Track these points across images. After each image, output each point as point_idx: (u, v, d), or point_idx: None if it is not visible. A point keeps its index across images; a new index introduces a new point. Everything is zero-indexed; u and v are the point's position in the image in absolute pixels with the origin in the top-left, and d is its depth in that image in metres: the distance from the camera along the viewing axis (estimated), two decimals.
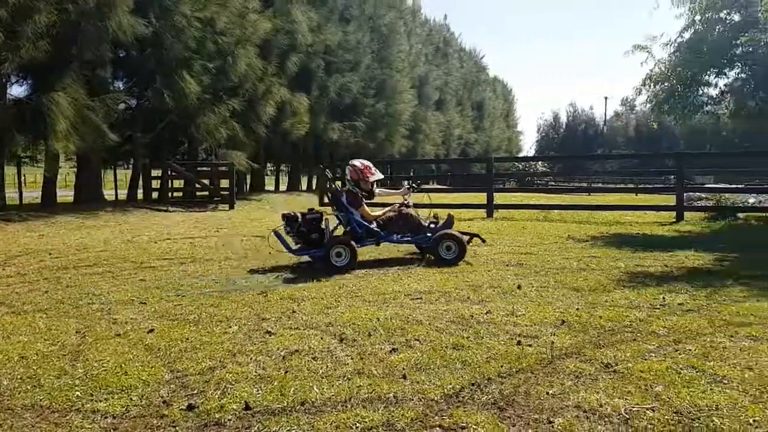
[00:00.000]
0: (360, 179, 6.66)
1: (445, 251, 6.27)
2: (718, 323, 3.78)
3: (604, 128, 63.21)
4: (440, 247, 6.29)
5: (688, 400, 2.55)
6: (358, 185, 6.66)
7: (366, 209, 6.70)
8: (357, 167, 6.69)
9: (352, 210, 6.54)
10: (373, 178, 6.68)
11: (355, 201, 6.63)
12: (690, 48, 11.06)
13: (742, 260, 6.36)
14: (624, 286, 4.97)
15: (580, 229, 9.69)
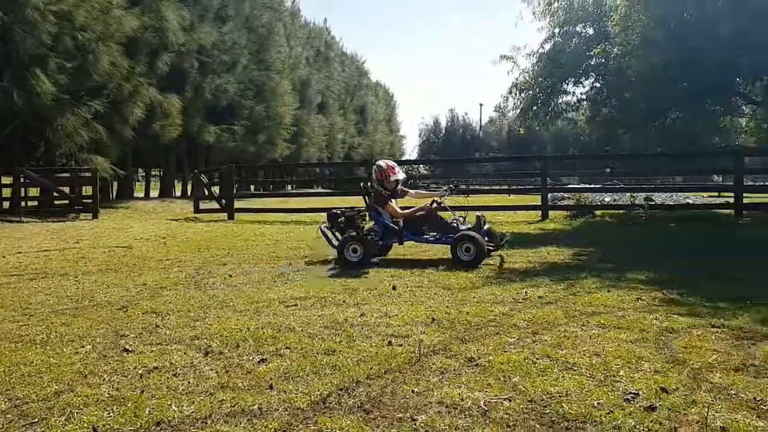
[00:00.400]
0: (384, 179, 6.86)
1: (463, 253, 6.11)
2: (572, 314, 4.07)
3: (480, 133, 66.73)
4: (458, 248, 6.14)
5: (541, 388, 2.70)
6: (383, 185, 6.87)
7: (393, 207, 6.80)
8: (381, 167, 6.93)
9: (378, 209, 6.76)
10: (395, 177, 6.86)
11: (380, 200, 6.82)
12: (550, 59, 11.95)
13: (596, 254, 6.94)
14: (491, 283, 5.21)
15: None
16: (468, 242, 6.09)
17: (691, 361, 3.04)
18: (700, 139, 13.29)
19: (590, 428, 2.30)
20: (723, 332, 3.58)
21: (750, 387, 2.67)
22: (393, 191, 6.92)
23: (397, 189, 6.97)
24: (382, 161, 7.11)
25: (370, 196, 6.99)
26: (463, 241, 6.12)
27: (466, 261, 6.04)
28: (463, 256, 6.09)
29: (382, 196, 6.83)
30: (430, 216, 6.73)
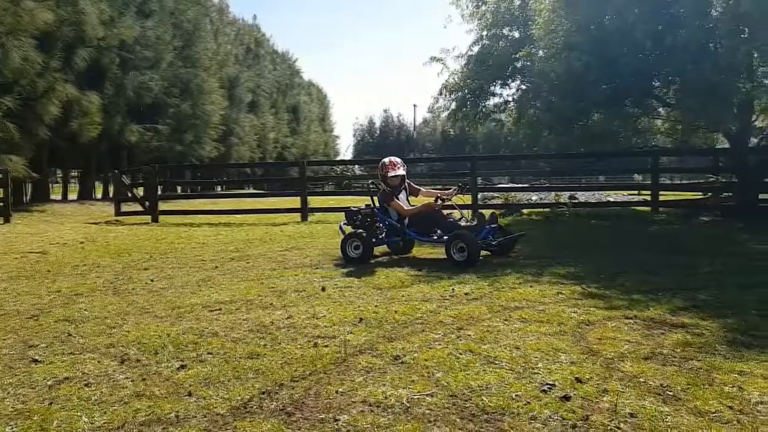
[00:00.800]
0: (385, 175, 6.82)
1: (458, 253, 5.93)
2: (496, 309, 4.17)
3: (414, 133, 67.50)
4: (453, 248, 5.96)
5: (463, 383, 2.75)
6: (385, 181, 6.83)
7: (398, 204, 6.73)
8: (384, 164, 6.91)
9: (384, 206, 6.75)
10: (394, 173, 6.78)
11: (385, 198, 6.78)
12: (478, 61, 12.22)
13: (521, 251, 7.13)
14: (421, 281, 5.26)
15: None
16: (462, 242, 5.90)
17: (604, 351, 3.17)
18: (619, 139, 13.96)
19: (508, 420, 2.36)
20: (635, 323, 3.76)
21: (658, 374, 2.81)
22: (396, 187, 6.85)
23: (402, 186, 6.91)
24: (387, 158, 7.05)
25: (377, 195, 6.98)
26: (457, 241, 5.94)
27: (460, 261, 5.86)
28: (457, 256, 5.92)
29: (386, 193, 6.81)
30: (433, 214, 6.60)
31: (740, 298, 4.37)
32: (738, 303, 4.21)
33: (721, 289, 4.67)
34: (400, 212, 6.71)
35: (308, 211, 12.30)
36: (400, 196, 6.93)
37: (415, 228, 6.67)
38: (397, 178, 6.87)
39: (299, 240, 8.56)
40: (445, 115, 13.07)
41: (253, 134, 34.19)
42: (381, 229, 6.87)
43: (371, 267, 6.06)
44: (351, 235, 6.49)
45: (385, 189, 6.83)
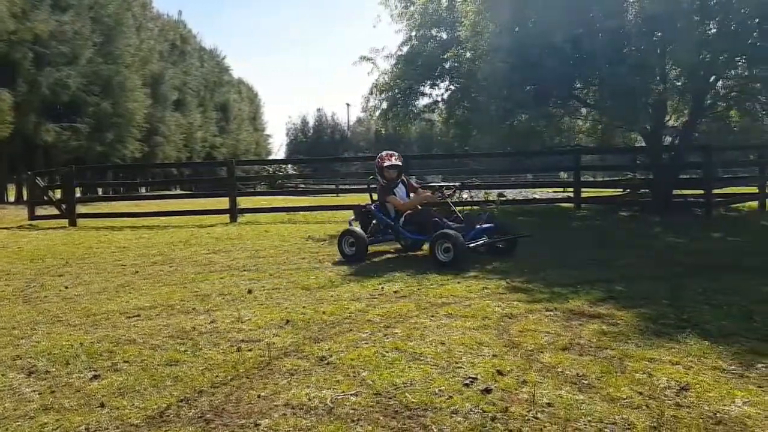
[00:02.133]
0: (381, 167, 6.60)
1: (442, 253, 5.63)
2: (423, 306, 4.20)
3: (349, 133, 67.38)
4: (437, 248, 5.66)
5: (388, 381, 2.75)
6: (382, 174, 6.62)
7: (394, 199, 6.52)
8: (380, 156, 6.71)
9: (383, 202, 6.54)
10: (389, 162, 6.58)
11: (382, 192, 6.60)
12: (408, 61, 12.33)
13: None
14: (350, 280, 5.24)
15: (321, 229, 10.03)
16: (446, 241, 5.59)
17: (525, 343, 3.26)
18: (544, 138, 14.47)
19: (430, 415, 2.37)
20: (556, 315, 3.89)
21: (575, 364, 2.91)
22: (393, 181, 6.65)
23: (399, 179, 6.68)
24: (384, 151, 6.88)
25: (375, 191, 6.82)
26: (443, 241, 5.62)
27: (445, 262, 5.56)
28: (442, 256, 5.62)
29: (383, 188, 6.62)
30: (423, 212, 6.41)
31: (653, 288, 4.61)
32: (651, 293, 4.43)
33: (636, 281, 4.92)
34: (397, 207, 6.48)
35: (238, 212, 12.01)
36: (398, 191, 6.70)
37: (410, 227, 6.40)
38: (394, 170, 6.65)
39: (227, 242, 8.35)
40: (377, 114, 13.08)
41: (179, 133, 33.07)
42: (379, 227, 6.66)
43: (303, 267, 5.99)
44: (346, 233, 6.42)
45: (382, 182, 6.63)
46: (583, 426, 2.23)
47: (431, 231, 5.92)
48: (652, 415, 2.30)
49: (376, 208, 6.68)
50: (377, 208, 6.66)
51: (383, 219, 6.56)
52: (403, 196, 6.69)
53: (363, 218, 6.80)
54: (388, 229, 6.55)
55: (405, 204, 6.53)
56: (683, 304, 4.08)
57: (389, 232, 6.64)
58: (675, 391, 2.55)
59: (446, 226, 5.98)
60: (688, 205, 11.67)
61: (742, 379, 2.69)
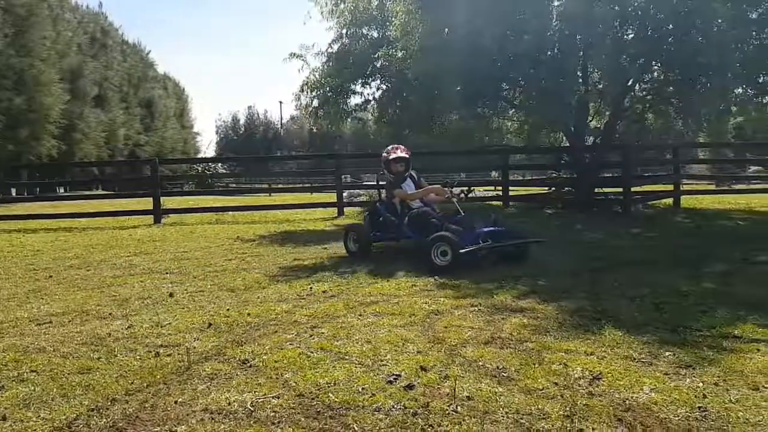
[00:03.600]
0: (387, 160, 6.39)
1: (439, 257, 5.32)
2: (352, 305, 4.19)
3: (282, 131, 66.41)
4: (434, 251, 5.34)
5: (312, 381, 2.71)
6: (388, 167, 6.41)
7: (401, 192, 6.27)
8: (387, 149, 6.51)
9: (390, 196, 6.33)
10: (395, 155, 6.35)
11: (389, 188, 6.39)
12: (338, 59, 12.27)
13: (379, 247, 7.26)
14: (278, 281, 5.16)
15: (251, 229, 9.83)
16: (444, 244, 5.30)
17: (449, 339, 3.31)
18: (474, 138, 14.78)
19: (353, 413, 2.36)
20: (480, 310, 3.97)
21: (495, 358, 2.98)
22: (400, 174, 6.42)
23: (407, 173, 6.44)
24: (390, 145, 6.68)
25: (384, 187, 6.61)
26: (441, 244, 5.32)
27: (442, 266, 5.25)
28: (439, 260, 5.31)
29: (390, 183, 6.42)
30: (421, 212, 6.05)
31: (573, 283, 4.79)
32: (570, 288, 4.61)
33: (558, 276, 5.09)
34: (403, 198, 6.20)
35: (162, 213, 11.58)
36: (405, 186, 6.42)
37: (413, 228, 6.05)
38: (401, 163, 6.40)
39: (149, 244, 8.03)
40: (307, 112, 12.94)
41: (100, 130, 31.50)
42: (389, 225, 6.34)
43: (229, 269, 5.84)
44: (351, 229, 6.43)
45: (390, 177, 6.42)
46: (501, 418, 2.29)
47: (429, 232, 5.60)
48: (566, 404, 2.38)
49: (381, 205, 6.49)
50: (383, 205, 6.46)
51: (388, 216, 6.31)
52: (411, 190, 6.41)
53: (372, 215, 6.64)
54: (392, 227, 6.27)
55: (412, 195, 6.26)
56: (600, 298, 4.26)
57: (389, 231, 6.36)
58: (588, 380, 2.66)
59: (445, 227, 5.64)
60: (609, 203, 12.23)
61: (651, 367, 2.83)
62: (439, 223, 5.81)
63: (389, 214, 6.33)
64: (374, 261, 6.04)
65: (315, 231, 9.44)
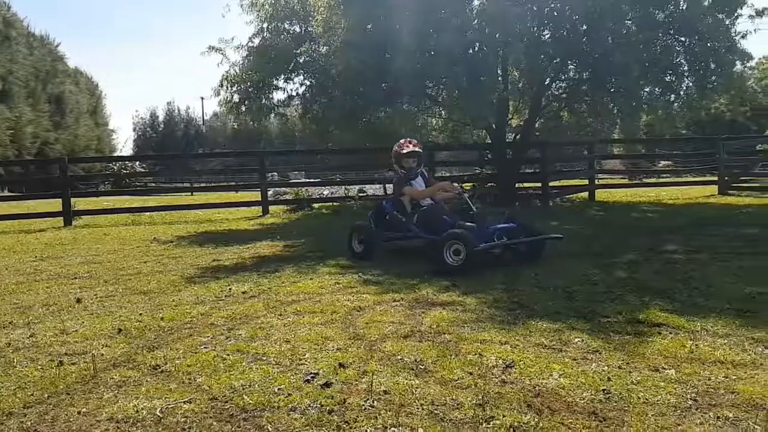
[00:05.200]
0: (399, 154, 6.03)
1: (451, 256, 5.01)
2: (272, 305, 4.11)
3: (204, 128, 64.37)
4: (446, 250, 5.02)
5: (226, 384, 2.63)
6: (400, 164, 6.04)
7: (411, 189, 5.93)
8: (399, 143, 6.14)
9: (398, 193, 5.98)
10: (408, 149, 5.99)
11: (398, 184, 6.04)
12: (259, 53, 11.99)
13: (306, 245, 7.20)
14: (195, 283, 4.99)
15: (169, 230, 9.48)
16: (456, 243, 4.98)
17: (370, 334, 3.31)
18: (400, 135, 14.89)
19: (267, 415, 2.31)
20: (401, 305, 4.00)
21: (414, 351, 3.01)
22: (413, 170, 6.05)
23: (419, 170, 6.10)
24: (401, 139, 6.30)
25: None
26: (453, 242, 5.02)
27: (454, 266, 4.96)
28: (452, 259, 5.01)
29: (400, 180, 6.05)
30: (430, 209, 5.72)
31: (492, 275, 4.89)
32: (489, 280, 4.72)
33: (478, 269, 5.18)
34: (413, 195, 5.92)
35: (73, 215, 10.94)
36: (416, 183, 6.10)
37: (423, 226, 5.71)
38: (413, 158, 6.06)
39: (58, 248, 7.58)
40: (226, 108, 12.57)
41: (5, 128, 29.39)
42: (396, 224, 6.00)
43: (143, 272, 5.59)
44: (356, 228, 6.05)
45: (400, 173, 6.06)
46: (416, 410, 2.30)
47: (441, 230, 5.30)
48: (479, 393, 2.44)
49: (388, 204, 6.13)
50: (390, 204, 6.10)
51: (395, 215, 5.95)
52: (420, 188, 6.10)
53: (377, 214, 6.24)
54: (400, 226, 5.93)
55: (422, 192, 5.96)
56: (516, 289, 4.40)
57: (402, 231, 5.98)
58: (501, 368, 2.73)
59: (457, 225, 5.32)
60: (529, 197, 12.69)
61: (560, 353, 2.95)
62: (452, 220, 5.46)
63: (397, 213, 5.98)
64: (302, 260, 5.97)
65: (238, 231, 9.22)
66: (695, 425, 2.14)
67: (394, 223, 5.98)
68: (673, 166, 22.60)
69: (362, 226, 6.09)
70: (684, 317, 3.47)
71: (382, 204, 6.26)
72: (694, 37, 10.55)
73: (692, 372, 2.64)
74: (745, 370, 2.66)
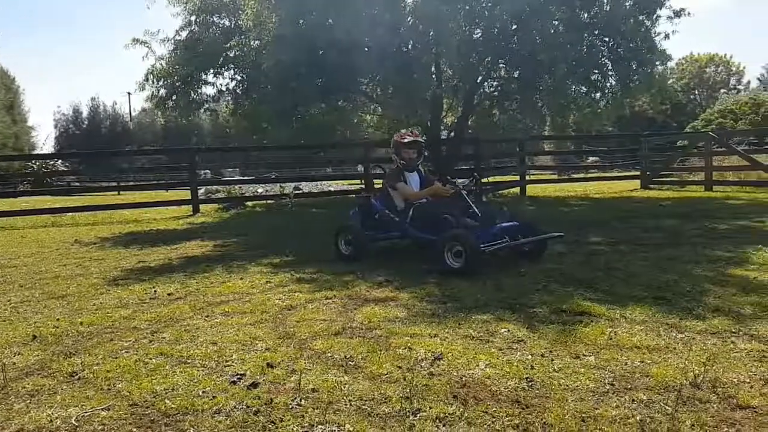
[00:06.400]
0: (400, 143, 5.57)
1: (452, 258, 4.66)
2: (199, 306, 3.99)
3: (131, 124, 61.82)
4: (446, 251, 4.67)
5: (148, 389, 2.53)
6: (399, 154, 5.57)
7: (404, 186, 5.48)
8: (400, 133, 5.75)
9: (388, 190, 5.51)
10: (410, 138, 5.55)
11: (390, 177, 5.57)
12: (187, 47, 11.65)
13: (238, 244, 7.05)
14: (118, 286, 4.78)
15: (92, 231, 9.06)
16: (459, 244, 4.62)
17: (300, 333, 3.27)
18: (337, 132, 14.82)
19: (190, 418, 2.24)
20: (334, 302, 3.98)
21: (344, 348, 2.99)
22: (413, 162, 5.60)
23: (418, 162, 5.67)
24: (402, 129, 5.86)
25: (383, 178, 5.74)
26: (453, 243, 4.66)
27: (455, 268, 4.62)
28: (451, 261, 4.67)
29: (393, 172, 5.58)
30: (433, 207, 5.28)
31: (427, 270, 4.90)
32: (423, 275, 4.73)
33: (412, 265, 5.22)
34: (407, 195, 5.46)
35: None
36: (411, 178, 5.65)
37: (420, 225, 5.29)
38: (414, 148, 5.60)
39: None
40: (155, 103, 12.13)
41: None
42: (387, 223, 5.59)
43: (62, 275, 5.31)
44: (343, 229, 5.60)
45: (399, 163, 5.59)
46: (344, 406, 2.29)
47: (440, 229, 4.99)
48: (407, 386, 2.45)
49: (377, 200, 5.70)
50: (379, 200, 5.67)
51: (386, 214, 5.51)
52: (415, 184, 5.69)
53: (364, 212, 5.82)
54: (391, 225, 5.50)
55: (417, 194, 5.50)
56: (448, 283, 4.44)
57: (393, 230, 5.57)
58: (430, 361, 2.76)
59: (460, 224, 4.99)
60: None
61: (487, 344, 3.01)
62: (453, 218, 5.07)
63: (388, 211, 5.53)
64: (232, 260, 5.83)
65: (166, 231, 8.91)
66: (612, 408, 2.23)
67: (384, 222, 5.58)
68: (600, 162, 23.64)
69: (350, 227, 5.62)
70: (605, 306, 3.61)
71: (370, 201, 5.79)
72: (618, 37, 11.04)
73: (610, 358, 2.75)
74: (659, 354, 2.80)
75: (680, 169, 14.80)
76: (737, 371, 2.54)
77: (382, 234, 5.64)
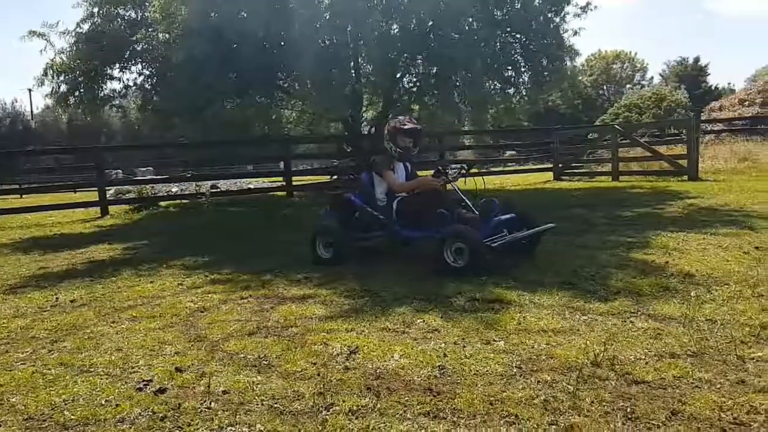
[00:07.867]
0: (396, 129, 4.97)
1: (453, 256, 4.26)
2: (105, 312, 3.80)
3: (34, 123, 57.82)
4: (446, 250, 4.26)
5: (45, 401, 2.39)
6: (395, 141, 4.98)
7: (392, 176, 4.91)
8: (399, 119, 5.09)
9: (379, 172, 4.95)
10: (409, 126, 4.99)
11: (381, 165, 4.96)
12: (90, 40, 10.97)
13: (149, 246, 6.76)
14: (16, 294, 4.49)
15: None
16: (461, 241, 4.26)
17: (212, 335, 3.18)
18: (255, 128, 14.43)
19: (92, 428, 2.13)
20: (249, 302, 3.89)
21: (258, 347, 2.93)
22: (409, 150, 5.05)
23: (413, 152, 5.15)
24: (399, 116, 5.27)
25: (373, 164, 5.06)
26: (454, 240, 4.30)
27: (457, 268, 4.24)
28: (454, 260, 4.29)
29: (384, 160, 5.00)
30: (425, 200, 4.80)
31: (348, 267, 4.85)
32: (344, 272, 4.68)
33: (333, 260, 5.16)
34: (393, 187, 4.94)
35: None
36: (398, 169, 5.12)
37: (409, 221, 4.86)
38: (411, 137, 5.05)
39: None
40: (56, 99, 11.35)
41: None
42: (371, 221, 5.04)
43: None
44: (322, 231, 5.07)
45: (394, 151, 5.03)
46: (256, 407, 2.25)
47: (436, 225, 4.59)
48: (322, 382, 2.44)
49: (356, 197, 5.17)
50: (358, 197, 5.15)
51: (367, 210, 5.00)
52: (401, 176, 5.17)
53: (343, 211, 5.24)
54: (374, 223, 5.01)
55: (402, 185, 5.00)
56: (369, 279, 4.35)
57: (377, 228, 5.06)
58: (345, 355, 2.76)
59: (459, 218, 4.62)
60: None
61: (403, 335, 3.04)
62: (448, 212, 4.68)
63: (371, 208, 5.02)
64: (142, 263, 5.58)
65: (71, 235, 8.40)
66: (518, 390, 2.32)
67: (367, 220, 5.06)
68: (517, 156, 24.49)
69: (328, 228, 5.15)
70: (516, 292, 3.74)
71: (348, 198, 5.23)
72: (529, 34, 11.44)
73: (519, 342, 2.86)
74: (564, 336, 2.93)
75: (590, 161, 15.57)
76: (634, 349, 2.71)
77: (366, 234, 5.12)
